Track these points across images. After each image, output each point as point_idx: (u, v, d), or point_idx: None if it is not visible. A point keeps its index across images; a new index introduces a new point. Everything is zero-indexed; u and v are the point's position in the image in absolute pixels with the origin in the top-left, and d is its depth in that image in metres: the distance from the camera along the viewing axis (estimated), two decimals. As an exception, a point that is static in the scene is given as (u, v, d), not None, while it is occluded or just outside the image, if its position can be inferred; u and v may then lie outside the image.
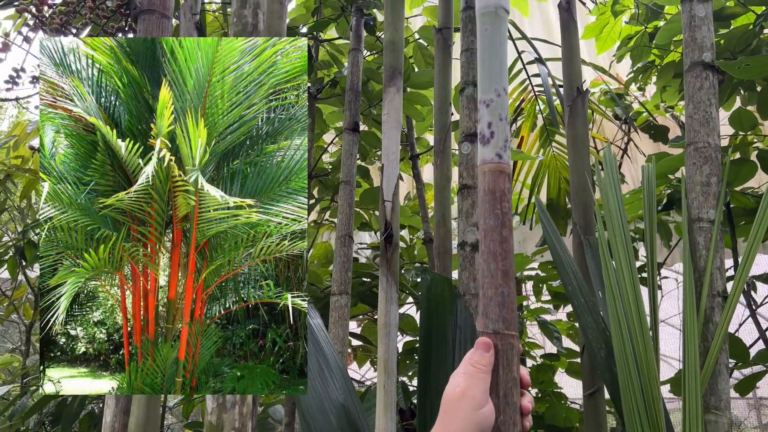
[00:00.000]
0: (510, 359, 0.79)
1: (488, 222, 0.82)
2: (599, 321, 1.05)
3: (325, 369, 1.24)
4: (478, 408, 0.70)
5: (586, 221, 1.39)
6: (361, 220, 2.79)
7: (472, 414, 0.69)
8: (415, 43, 2.51)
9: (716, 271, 1.08)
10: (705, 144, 1.14)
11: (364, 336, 2.63)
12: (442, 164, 1.67)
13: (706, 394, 1.02)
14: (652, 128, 2.95)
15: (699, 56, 1.20)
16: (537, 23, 3.57)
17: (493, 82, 0.88)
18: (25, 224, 2.56)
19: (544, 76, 2.17)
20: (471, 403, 0.70)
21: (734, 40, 2.16)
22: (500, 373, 0.78)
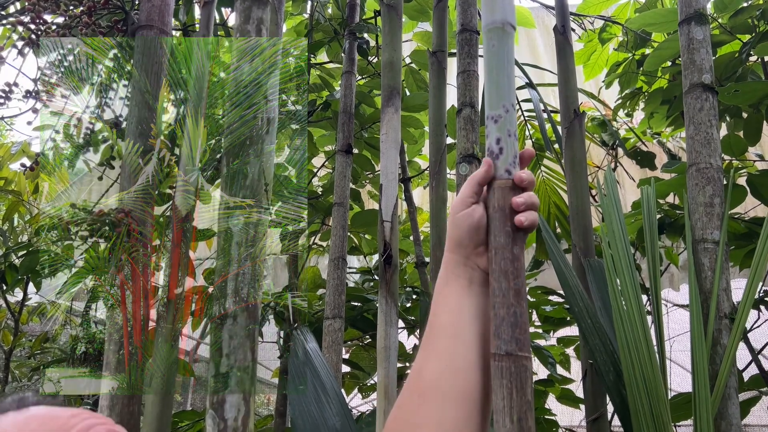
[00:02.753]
0: (523, 382, 0.76)
1: (498, 239, 0.80)
2: (607, 343, 1.03)
3: (322, 394, 1.20)
4: (456, 212, 0.79)
5: (585, 243, 1.38)
6: (351, 243, 2.76)
7: (452, 218, 0.79)
8: (407, 67, 2.51)
9: (722, 292, 1.07)
10: (707, 165, 1.14)
11: (354, 361, 2.58)
12: (438, 186, 1.66)
13: (716, 419, 1.00)
14: (639, 154, 2.98)
15: (698, 78, 1.20)
16: (524, 50, 3.62)
17: (501, 98, 0.87)
18: (6, 247, 2.50)
19: (536, 101, 2.18)
20: (453, 209, 0.80)
21: (721, 67, 2.20)
22: (514, 397, 0.75)
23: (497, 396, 0.76)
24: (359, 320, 2.31)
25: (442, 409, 0.72)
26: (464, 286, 0.79)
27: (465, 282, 0.79)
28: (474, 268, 0.80)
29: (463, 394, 0.73)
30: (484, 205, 0.81)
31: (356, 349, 2.89)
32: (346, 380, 2.93)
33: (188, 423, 2.21)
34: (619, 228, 1.10)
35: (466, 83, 1.57)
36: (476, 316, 0.78)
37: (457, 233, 0.79)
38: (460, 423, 0.71)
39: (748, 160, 2.31)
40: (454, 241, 0.79)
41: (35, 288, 2.52)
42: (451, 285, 0.79)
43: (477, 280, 0.79)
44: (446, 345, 0.76)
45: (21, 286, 2.58)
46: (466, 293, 0.78)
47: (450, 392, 0.73)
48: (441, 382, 0.74)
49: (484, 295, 0.79)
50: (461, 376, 0.74)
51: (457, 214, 0.79)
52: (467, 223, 0.78)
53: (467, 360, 0.75)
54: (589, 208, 1.43)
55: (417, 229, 2.44)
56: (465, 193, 0.80)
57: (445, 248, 0.81)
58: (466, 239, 0.79)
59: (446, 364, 0.75)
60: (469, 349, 0.76)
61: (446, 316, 0.78)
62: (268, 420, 2.41)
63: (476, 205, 0.80)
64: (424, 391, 0.74)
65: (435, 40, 1.81)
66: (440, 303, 0.79)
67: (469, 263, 0.80)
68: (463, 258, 0.79)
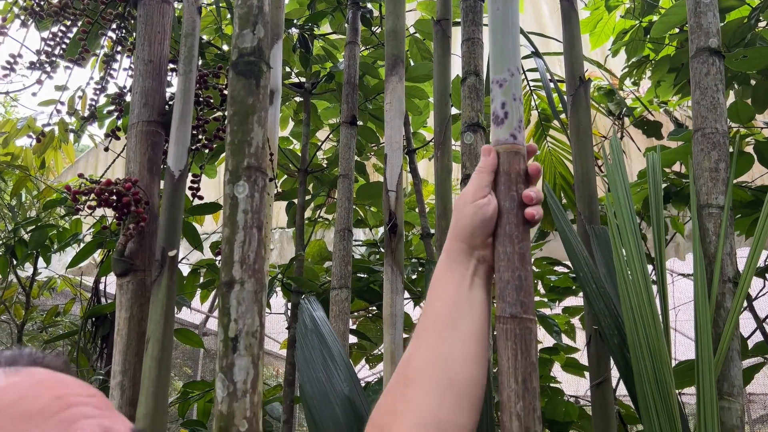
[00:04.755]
0: (528, 344, 0.77)
1: (504, 204, 0.80)
2: (612, 308, 1.04)
3: (329, 361, 1.22)
4: (473, 200, 0.77)
5: (590, 211, 1.38)
6: (357, 216, 2.77)
7: (468, 206, 0.77)
8: (411, 36, 2.49)
9: (726, 257, 1.07)
10: (713, 130, 1.14)
11: (361, 331, 2.61)
12: (443, 156, 1.66)
13: (718, 380, 1.01)
14: (645, 124, 2.96)
15: (705, 42, 1.19)
16: (530, 19, 3.57)
17: (506, 62, 0.86)
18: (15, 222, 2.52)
19: (542, 70, 2.16)
20: (468, 197, 0.77)
21: (729, 33, 2.17)
22: (518, 358, 0.76)
23: (502, 358, 0.77)
24: (365, 291, 2.33)
25: (424, 397, 0.70)
26: (466, 276, 0.77)
27: (468, 273, 0.77)
28: (480, 260, 0.78)
29: (449, 385, 0.71)
30: None
31: (363, 320, 2.92)
32: (354, 351, 2.96)
33: (198, 393, 2.25)
34: (624, 195, 1.10)
35: (470, 51, 1.56)
36: (474, 310, 0.76)
37: (468, 222, 0.77)
38: (442, 413, 0.70)
39: (756, 127, 2.29)
40: (464, 230, 0.77)
41: (45, 263, 2.55)
42: (451, 274, 0.77)
43: (480, 272, 0.78)
44: (438, 335, 0.75)
45: (31, 260, 2.61)
46: (467, 285, 0.77)
47: (435, 382, 0.71)
48: (427, 370, 0.72)
49: (484, 289, 0.78)
50: (449, 367, 0.72)
51: (472, 203, 0.77)
52: (482, 212, 0.76)
53: (458, 351, 0.73)
54: (594, 176, 1.42)
55: (422, 201, 2.44)
56: (481, 182, 0.78)
57: (450, 235, 0.79)
58: (478, 229, 0.77)
59: (435, 354, 0.73)
60: (463, 340, 0.74)
61: (442, 305, 0.76)
62: (277, 389, 2.45)
63: (491, 196, 0.78)
64: (409, 378, 0.72)
65: (439, 8, 1.79)
66: (438, 292, 0.78)
67: (475, 254, 0.78)
68: (469, 248, 0.78)
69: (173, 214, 1.17)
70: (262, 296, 0.83)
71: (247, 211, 0.86)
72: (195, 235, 1.93)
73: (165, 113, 1.31)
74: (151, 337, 1.07)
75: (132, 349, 1.15)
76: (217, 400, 0.79)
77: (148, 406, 0.95)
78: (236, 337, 0.80)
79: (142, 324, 1.16)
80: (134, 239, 1.20)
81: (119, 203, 1.17)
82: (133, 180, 1.21)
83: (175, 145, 1.21)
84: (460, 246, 0.78)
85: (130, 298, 1.19)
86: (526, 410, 0.74)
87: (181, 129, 1.21)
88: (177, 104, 1.22)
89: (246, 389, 0.79)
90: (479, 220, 0.76)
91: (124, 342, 1.16)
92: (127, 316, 1.18)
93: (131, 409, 1.02)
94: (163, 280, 1.12)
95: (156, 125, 1.30)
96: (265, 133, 0.90)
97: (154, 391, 0.97)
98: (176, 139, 1.21)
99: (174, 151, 1.21)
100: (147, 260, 1.22)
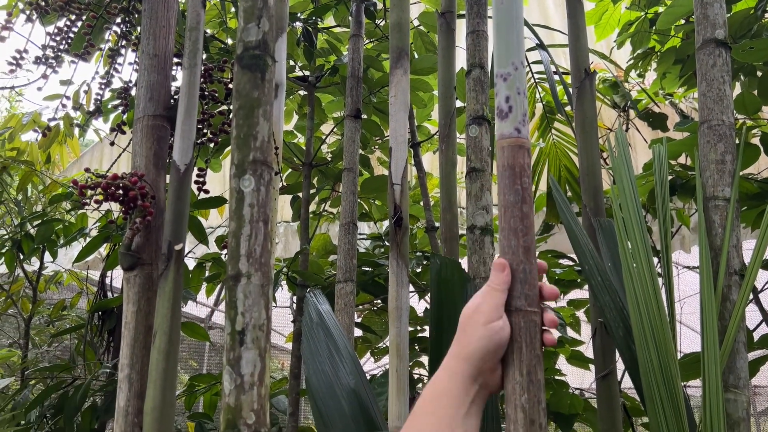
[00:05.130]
0: (533, 337, 0.77)
1: (508, 198, 0.81)
2: (617, 300, 1.04)
3: (335, 353, 1.22)
4: (487, 322, 0.72)
5: (596, 203, 1.38)
6: (361, 210, 2.78)
7: (482, 328, 0.72)
8: (415, 29, 2.49)
9: (733, 249, 1.07)
10: (719, 122, 1.13)
11: (366, 325, 2.62)
12: (448, 149, 1.66)
13: (724, 372, 1.01)
14: (651, 116, 2.95)
15: (711, 33, 1.19)
16: (534, 11, 3.56)
17: (511, 56, 0.86)
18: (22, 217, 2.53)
19: (546, 62, 2.15)
20: (481, 317, 0.73)
21: (736, 24, 2.15)
22: (523, 351, 0.76)
23: (507, 350, 0.77)
24: (370, 284, 2.34)
25: None
26: (465, 404, 0.71)
27: (467, 399, 0.72)
28: (483, 386, 0.73)
29: None
30: None
31: (368, 313, 2.93)
32: (359, 344, 2.98)
33: (205, 386, 2.26)
34: (630, 187, 1.10)
35: (475, 44, 1.55)
36: None
37: (480, 346, 0.72)
38: None
39: (762, 119, 2.28)
40: (474, 354, 0.72)
41: (51, 257, 2.57)
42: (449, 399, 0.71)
43: (479, 400, 0.73)
44: None
45: (37, 255, 2.62)
46: (463, 412, 0.71)
47: None
48: None
49: (478, 416, 0.73)
50: None
51: (485, 326, 0.72)
52: (497, 337, 0.72)
53: None
54: (600, 169, 1.42)
55: (427, 195, 2.44)
56: (496, 302, 0.74)
57: (455, 354, 0.74)
58: (490, 354, 0.72)
59: None
60: None
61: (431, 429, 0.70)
62: (283, 382, 2.46)
63: (505, 318, 0.74)
64: None
65: (443, 0, 1.78)
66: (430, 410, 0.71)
67: (479, 380, 0.73)
68: (476, 372, 0.72)
69: (179, 207, 1.18)
70: (269, 289, 0.83)
71: (253, 204, 0.86)
72: (200, 229, 1.94)
73: (170, 107, 1.32)
74: (158, 330, 1.08)
75: (140, 343, 1.16)
76: (224, 393, 0.80)
77: (156, 398, 0.96)
78: (243, 330, 0.80)
79: (150, 317, 1.17)
80: (141, 233, 1.21)
81: (126, 197, 1.18)
82: (140, 174, 1.22)
83: (180, 139, 1.21)
84: (466, 369, 0.72)
85: (137, 291, 1.20)
86: (530, 402, 0.74)
87: (187, 123, 1.22)
88: (182, 98, 1.23)
89: (253, 382, 0.80)
90: (493, 346, 0.72)
91: (132, 335, 1.17)
92: (134, 310, 1.18)
93: (139, 401, 1.03)
94: (170, 274, 1.13)
95: (161, 119, 1.31)
96: (270, 126, 0.90)
97: (162, 384, 0.98)
98: (182, 133, 1.21)
99: (179, 145, 1.21)
100: (154, 254, 1.23)
